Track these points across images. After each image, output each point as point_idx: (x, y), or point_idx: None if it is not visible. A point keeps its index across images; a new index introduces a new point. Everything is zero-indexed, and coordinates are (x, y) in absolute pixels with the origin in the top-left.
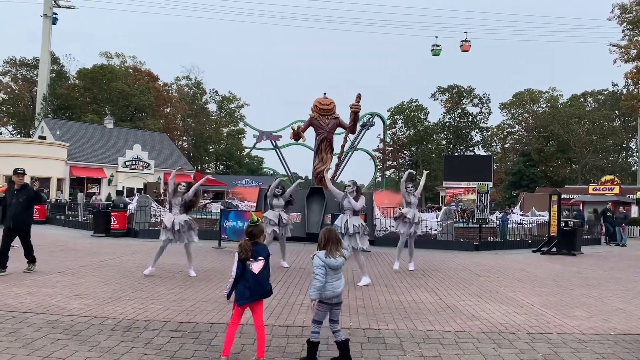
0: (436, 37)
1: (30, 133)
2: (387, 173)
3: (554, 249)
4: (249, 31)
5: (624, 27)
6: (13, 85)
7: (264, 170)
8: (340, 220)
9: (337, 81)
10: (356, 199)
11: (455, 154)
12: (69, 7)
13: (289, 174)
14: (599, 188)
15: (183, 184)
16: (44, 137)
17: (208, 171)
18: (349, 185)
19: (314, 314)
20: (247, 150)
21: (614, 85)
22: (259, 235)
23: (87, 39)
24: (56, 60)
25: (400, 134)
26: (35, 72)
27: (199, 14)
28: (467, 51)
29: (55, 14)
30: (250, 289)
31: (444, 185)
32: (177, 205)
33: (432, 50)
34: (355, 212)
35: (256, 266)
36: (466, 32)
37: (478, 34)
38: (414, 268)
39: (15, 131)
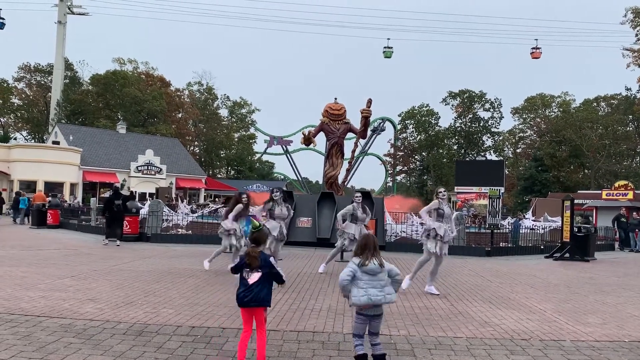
0: (388, 39)
1: (44, 138)
2: (398, 178)
3: (567, 255)
4: (260, 37)
5: (638, 31)
6: (27, 91)
7: (275, 175)
8: (354, 229)
9: (348, 86)
10: (363, 209)
11: (467, 159)
12: (83, 14)
13: (300, 178)
14: (612, 193)
15: (245, 196)
16: (57, 142)
17: (219, 176)
18: (357, 196)
19: (353, 327)
20: (258, 155)
21: (628, 89)
22: (264, 241)
23: (100, 45)
24: (70, 66)
25: (411, 138)
26: (49, 78)
27: (211, 20)
28: (537, 58)
29: (3, 18)
30: (245, 295)
31: (456, 191)
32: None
33: (384, 52)
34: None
35: (252, 278)
36: (536, 40)
37: (488, 38)
38: (438, 292)
39: (29, 136)
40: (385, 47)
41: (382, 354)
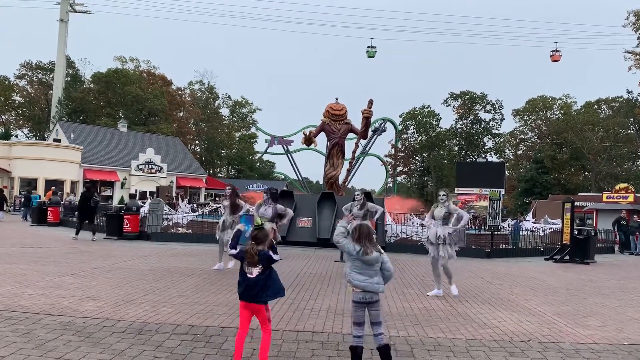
0: (372, 38)
1: (45, 136)
2: (398, 179)
3: (567, 257)
4: (262, 36)
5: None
6: (29, 89)
7: (275, 174)
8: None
9: (350, 86)
10: (362, 206)
11: (468, 161)
12: (85, 12)
13: (300, 178)
14: (613, 196)
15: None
16: (58, 140)
17: (220, 175)
18: (357, 194)
19: (352, 316)
20: (258, 155)
21: (629, 92)
22: (265, 240)
23: (101, 44)
24: (71, 64)
25: (411, 139)
26: (50, 76)
27: (213, 20)
28: (557, 61)
29: None
30: (244, 289)
31: (456, 192)
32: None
33: (367, 51)
34: (364, 217)
35: (253, 272)
36: (556, 42)
37: (491, 40)
38: (457, 292)
39: (30, 134)
40: (368, 47)
41: (384, 345)
